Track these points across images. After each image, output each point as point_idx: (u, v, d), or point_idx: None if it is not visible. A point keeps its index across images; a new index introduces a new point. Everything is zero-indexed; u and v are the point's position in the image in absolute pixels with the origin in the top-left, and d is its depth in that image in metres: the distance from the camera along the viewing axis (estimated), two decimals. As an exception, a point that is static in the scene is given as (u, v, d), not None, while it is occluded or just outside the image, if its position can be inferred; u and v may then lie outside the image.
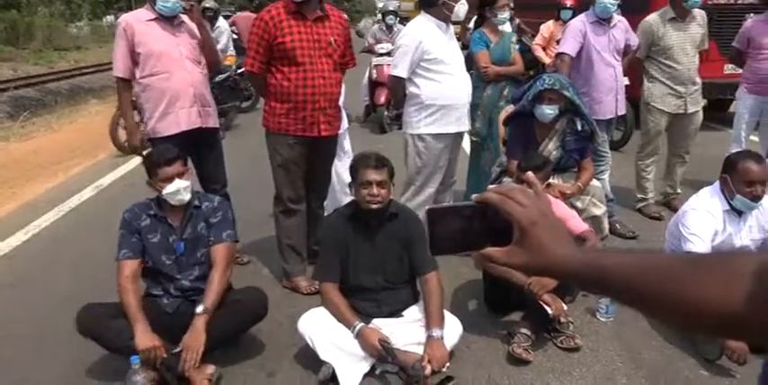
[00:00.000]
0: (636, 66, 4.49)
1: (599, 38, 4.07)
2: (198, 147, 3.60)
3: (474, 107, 4.18)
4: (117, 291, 2.57)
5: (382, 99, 7.40)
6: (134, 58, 3.39)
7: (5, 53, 18.29)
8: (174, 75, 3.40)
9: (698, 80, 4.38)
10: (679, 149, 4.57)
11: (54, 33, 23.76)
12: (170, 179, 2.61)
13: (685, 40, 4.27)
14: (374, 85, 7.60)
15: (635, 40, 4.29)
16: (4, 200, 5.42)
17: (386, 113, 7.55)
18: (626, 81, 4.42)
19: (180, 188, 2.62)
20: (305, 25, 3.24)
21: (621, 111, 4.31)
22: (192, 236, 2.70)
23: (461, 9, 3.51)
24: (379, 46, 7.79)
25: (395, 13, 8.36)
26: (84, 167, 6.50)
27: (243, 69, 3.97)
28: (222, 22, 9.03)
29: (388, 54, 7.17)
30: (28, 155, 7.26)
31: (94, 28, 28.81)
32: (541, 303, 2.79)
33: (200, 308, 2.52)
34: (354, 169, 2.69)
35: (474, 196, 0.80)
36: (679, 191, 4.63)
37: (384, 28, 8.26)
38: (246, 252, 3.97)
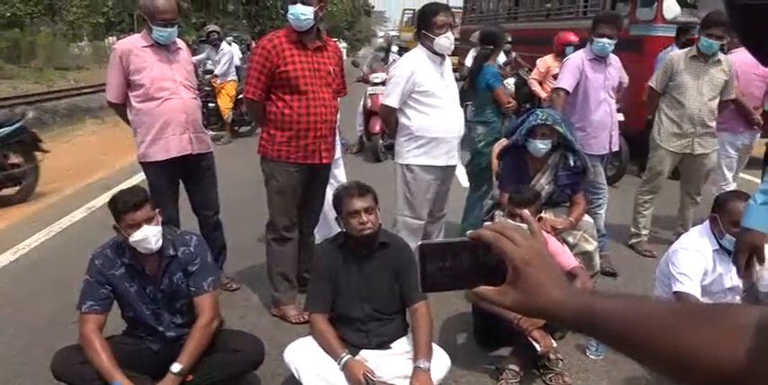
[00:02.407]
0: (652, 97, 4.48)
1: (596, 75, 4.12)
2: (190, 174, 3.61)
3: (492, 142, 4.25)
4: (81, 344, 2.40)
5: (377, 128, 7.47)
6: (127, 84, 3.42)
7: (6, 71, 18.42)
8: (167, 101, 3.42)
9: (711, 124, 4.32)
10: (689, 189, 4.56)
11: (55, 53, 23.98)
12: (137, 225, 2.39)
13: (702, 81, 4.23)
14: (369, 113, 7.68)
15: (626, 79, 4.43)
16: (-6, 218, 5.39)
17: (380, 142, 7.62)
18: (620, 117, 4.47)
19: (148, 235, 2.40)
20: (306, 54, 3.28)
21: (615, 147, 4.33)
22: (169, 288, 2.53)
23: (444, 42, 3.49)
24: (373, 75, 7.88)
25: (389, 44, 8.80)
26: (77, 188, 6.48)
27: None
28: (226, 47, 9.14)
29: (383, 83, 7.24)
30: (21, 173, 7.22)
31: (96, 48, 29.06)
32: (530, 339, 2.77)
33: (176, 368, 2.38)
34: (339, 201, 2.67)
35: (468, 232, 0.79)
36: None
37: (380, 58, 8.42)
38: (235, 278, 3.94)
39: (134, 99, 3.42)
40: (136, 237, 2.39)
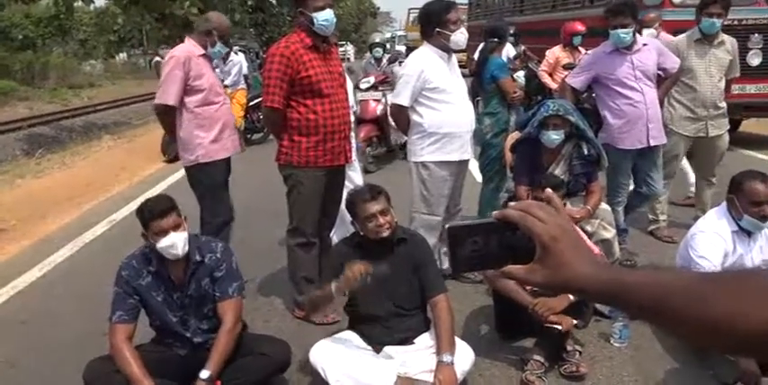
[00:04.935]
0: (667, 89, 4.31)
1: (618, 66, 3.90)
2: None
3: (500, 133, 4.26)
4: (112, 353, 2.46)
5: (361, 135, 6.50)
6: (185, 89, 3.62)
7: (21, 92, 18.74)
8: (223, 105, 3.80)
9: (722, 104, 4.31)
10: (705, 173, 4.54)
11: (68, 72, 24.36)
12: (165, 232, 2.44)
13: (710, 63, 4.22)
14: (358, 121, 6.64)
15: (672, 63, 4.05)
16: (19, 236, 5.49)
17: (368, 150, 6.87)
18: None
19: (175, 242, 2.45)
20: (320, 58, 3.32)
21: (655, 142, 3.98)
22: (196, 293, 2.58)
23: (460, 38, 3.54)
24: (363, 80, 7.24)
25: (382, 45, 8.09)
26: (98, 203, 6.58)
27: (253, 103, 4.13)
28: (234, 57, 9.22)
29: (374, 88, 7.06)
30: (42, 191, 7.37)
31: (107, 66, 29.47)
32: (549, 324, 2.76)
33: (204, 374, 2.41)
34: (352, 206, 2.69)
35: (494, 213, 0.79)
36: None
37: (372, 61, 7.94)
38: (257, 282, 3.98)
39: (192, 103, 3.64)
40: (163, 243, 2.44)
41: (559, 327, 2.75)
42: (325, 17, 3.24)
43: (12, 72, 21.86)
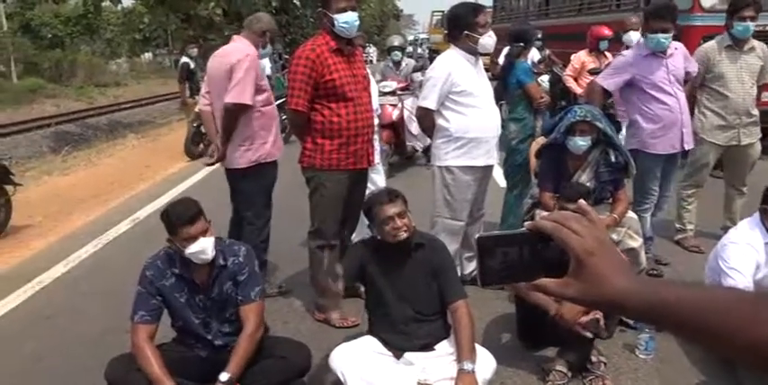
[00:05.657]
0: (691, 94, 4.29)
1: (655, 70, 3.86)
2: None
3: (526, 139, 4.22)
4: (133, 352, 2.47)
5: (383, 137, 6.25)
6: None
7: (49, 90, 19.07)
8: (275, 106, 3.88)
9: (754, 112, 4.23)
10: (735, 182, 4.44)
11: (95, 70, 24.76)
12: (194, 238, 2.43)
13: (741, 69, 4.15)
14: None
15: (694, 67, 4.08)
16: (45, 232, 5.58)
17: (387, 155, 6.59)
18: None
19: (205, 247, 2.46)
20: (344, 61, 3.31)
21: (688, 146, 4.00)
22: (219, 297, 2.58)
23: (488, 41, 3.52)
24: (382, 84, 6.82)
25: (401, 48, 7.73)
26: (122, 200, 6.66)
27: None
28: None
29: (392, 93, 6.89)
30: (68, 188, 7.48)
31: (133, 65, 29.86)
32: (577, 329, 2.70)
33: (224, 377, 2.40)
34: (370, 209, 2.68)
35: (526, 224, 0.77)
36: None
37: (391, 64, 7.69)
38: (278, 283, 3.99)
39: (259, 103, 3.65)
40: (192, 249, 2.44)
41: (588, 334, 2.70)
42: (345, 19, 3.22)
43: (41, 70, 22.28)
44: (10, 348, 3.35)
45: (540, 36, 7.90)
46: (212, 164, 3.88)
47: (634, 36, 5.52)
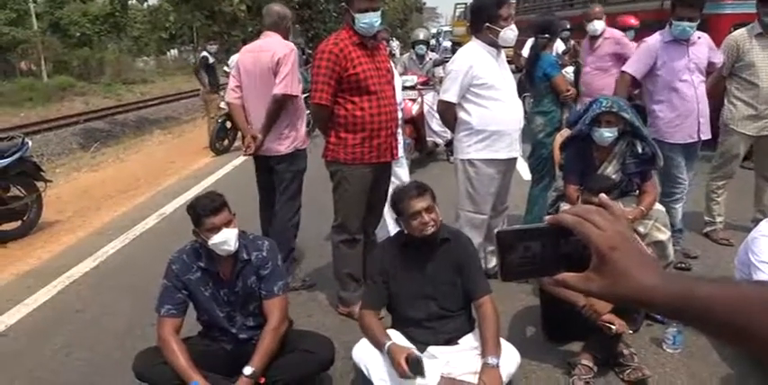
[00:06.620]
0: (718, 84, 4.24)
1: (676, 58, 3.85)
2: None
3: (552, 132, 4.17)
4: (159, 345, 2.51)
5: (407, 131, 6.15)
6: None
7: (78, 88, 19.43)
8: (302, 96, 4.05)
9: None
10: (766, 172, 4.34)
11: (122, 68, 25.15)
12: (217, 229, 2.48)
13: None
14: None
15: (719, 58, 4.06)
16: (75, 227, 5.69)
17: (410, 150, 6.59)
18: None
19: (228, 238, 2.49)
20: (368, 55, 3.31)
21: (705, 136, 3.98)
22: (243, 291, 2.61)
23: (509, 34, 3.47)
24: (403, 78, 6.54)
25: (426, 42, 7.65)
26: (149, 196, 6.76)
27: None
28: None
29: (412, 88, 6.79)
30: (97, 184, 7.62)
31: (159, 62, 30.22)
32: (602, 323, 2.67)
33: (248, 371, 2.43)
34: (398, 203, 2.66)
35: (547, 218, 0.76)
36: None
37: (414, 57, 7.55)
38: (302, 277, 4.01)
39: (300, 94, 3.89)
40: (215, 239, 2.47)
41: (614, 327, 2.66)
42: (365, 20, 3.22)
43: (70, 68, 22.70)
44: (41, 341, 3.43)
45: (569, 26, 7.80)
46: (251, 154, 3.92)
47: (599, 25, 5.53)
